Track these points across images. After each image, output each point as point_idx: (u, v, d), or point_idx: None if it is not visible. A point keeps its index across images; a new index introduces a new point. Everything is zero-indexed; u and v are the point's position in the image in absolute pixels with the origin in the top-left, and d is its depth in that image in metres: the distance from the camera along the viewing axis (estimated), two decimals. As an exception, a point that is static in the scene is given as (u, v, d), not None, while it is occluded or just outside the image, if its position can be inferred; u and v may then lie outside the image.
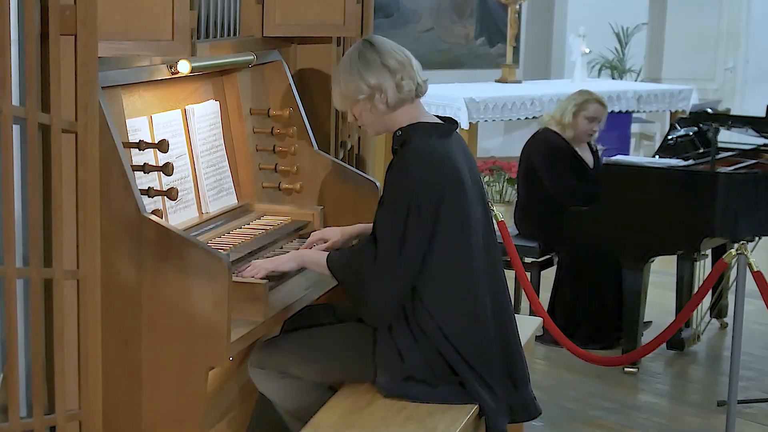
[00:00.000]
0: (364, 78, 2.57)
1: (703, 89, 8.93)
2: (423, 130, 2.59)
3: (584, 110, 4.69)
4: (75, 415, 2.06)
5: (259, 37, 3.17)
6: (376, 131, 2.71)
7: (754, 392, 4.22)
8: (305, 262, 2.68)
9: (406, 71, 2.59)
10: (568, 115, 4.69)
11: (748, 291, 3.65)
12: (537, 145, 4.75)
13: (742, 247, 3.59)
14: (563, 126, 4.70)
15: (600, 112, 4.73)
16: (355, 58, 2.59)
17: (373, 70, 2.57)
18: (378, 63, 2.57)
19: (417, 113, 2.63)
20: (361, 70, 2.57)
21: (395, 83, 2.57)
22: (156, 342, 2.34)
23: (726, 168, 4.54)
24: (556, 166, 4.65)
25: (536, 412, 2.72)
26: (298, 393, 2.68)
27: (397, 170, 2.55)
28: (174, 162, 2.63)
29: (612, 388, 4.25)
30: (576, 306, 4.71)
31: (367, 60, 2.58)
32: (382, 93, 2.57)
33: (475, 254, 2.59)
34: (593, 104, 4.71)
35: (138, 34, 2.31)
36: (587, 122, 4.69)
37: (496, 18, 8.94)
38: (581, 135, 4.72)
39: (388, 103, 2.58)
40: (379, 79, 2.57)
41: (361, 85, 2.58)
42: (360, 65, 2.58)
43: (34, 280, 1.92)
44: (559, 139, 4.70)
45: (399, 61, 2.59)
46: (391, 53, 2.59)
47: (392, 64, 2.57)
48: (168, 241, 2.30)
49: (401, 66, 2.58)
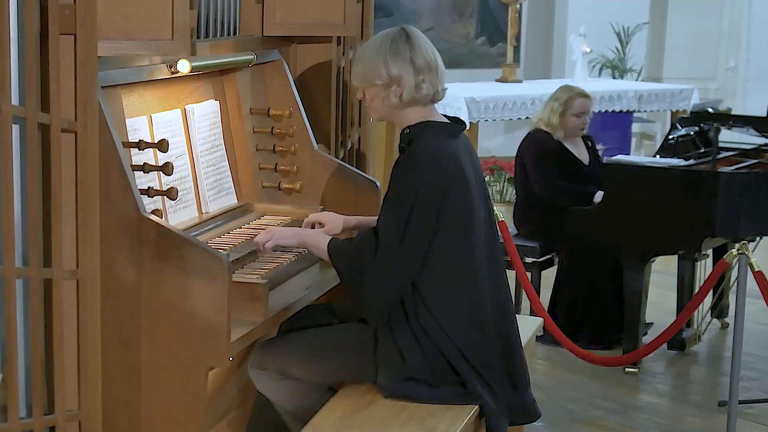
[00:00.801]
0: (388, 66, 2.54)
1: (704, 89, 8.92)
2: (431, 130, 2.58)
3: (570, 108, 4.68)
4: (74, 415, 2.05)
5: (259, 36, 3.17)
6: (379, 118, 2.68)
7: (756, 392, 4.21)
8: (306, 242, 2.67)
9: (430, 74, 2.56)
10: (554, 116, 4.68)
11: (749, 291, 3.64)
12: (528, 147, 4.75)
13: (743, 247, 3.58)
14: (552, 127, 4.69)
15: (586, 105, 4.72)
16: (387, 43, 2.56)
17: (400, 61, 2.54)
18: (407, 56, 2.54)
19: (427, 113, 2.61)
20: (388, 57, 2.54)
21: (415, 82, 2.55)
22: (156, 342, 2.33)
23: (727, 168, 4.53)
24: (543, 168, 4.64)
25: (536, 415, 2.71)
26: (298, 394, 2.68)
27: (403, 168, 2.54)
28: (174, 162, 2.63)
29: (613, 389, 4.24)
30: (576, 306, 4.70)
31: (397, 49, 2.55)
32: (400, 87, 2.55)
33: (477, 254, 2.58)
34: (577, 100, 4.69)
35: (138, 33, 2.30)
36: (576, 118, 4.69)
37: (497, 17, 8.93)
38: (573, 131, 4.72)
39: (402, 99, 2.56)
40: (401, 71, 2.54)
41: (382, 71, 2.55)
42: (389, 51, 2.55)
43: (34, 280, 1.92)
44: (549, 140, 4.69)
45: (427, 61, 2.56)
46: (423, 51, 2.56)
47: (420, 63, 2.55)
48: (168, 241, 2.30)
49: (428, 67, 2.56)
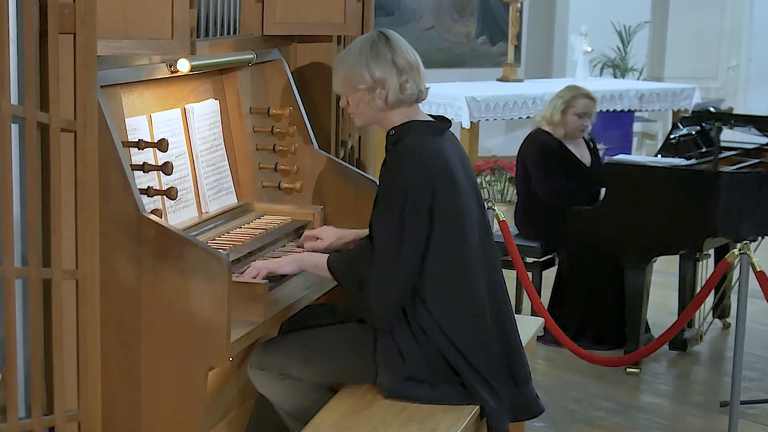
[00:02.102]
0: (371, 69, 2.54)
1: (706, 88, 8.92)
2: (415, 129, 2.58)
3: (572, 107, 4.65)
4: (74, 415, 2.05)
5: (259, 35, 3.16)
6: (363, 123, 2.68)
7: (757, 393, 4.20)
8: (305, 266, 2.66)
9: (413, 73, 2.56)
10: (556, 113, 4.64)
11: (751, 291, 3.63)
12: (529, 147, 4.72)
13: (745, 246, 3.58)
14: (554, 125, 4.65)
15: (589, 106, 4.68)
16: (367, 47, 2.56)
17: (382, 64, 2.54)
18: (388, 58, 2.54)
19: (412, 113, 2.61)
20: (370, 61, 2.54)
21: (399, 84, 2.55)
22: (155, 342, 2.33)
23: (729, 167, 4.52)
24: (544, 168, 4.61)
25: (539, 410, 2.70)
26: (298, 394, 2.67)
27: (390, 169, 2.53)
28: (173, 161, 2.63)
29: (614, 389, 4.23)
30: (577, 307, 4.69)
31: (378, 52, 2.55)
32: (384, 89, 2.55)
33: (472, 252, 2.57)
34: (581, 99, 4.66)
35: (137, 32, 2.30)
36: (577, 118, 4.65)
37: (498, 16, 8.92)
38: (573, 131, 4.68)
39: (387, 101, 2.56)
40: (384, 74, 2.54)
41: (365, 75, 2.55)
42: (370, 55, 2.55)
43: (33, 280, 1.91)
44: (551, 139, 4.67)
45: (408, 61, 2.56)
46: (403, 52, 2.57)
47: (401, 63, 2.55)
48: (167, 240, 2.29)
49: (409, 67, 2.56)
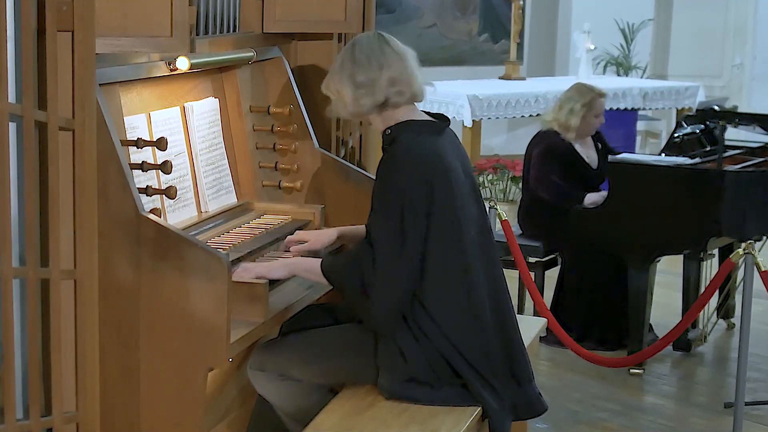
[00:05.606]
0: (363, 69, 2.52)
1: (710, 86, 8.89)
2: (412, 128, 2.55)
3: (592, 109, 4.62)
4: (72, 416, 2.03)
5: (259, 33, 3.15)
6: (350, 116, 2.65)
7: (762, 394, 4.18)
8: (297, 270, 2.61)
9: (404, 81, 2.53)
10: (574, 118, 4.58)
11: (756, 291, 3.62)
12: (537, 145, 4.70)
13: (749, 246, 3.56)
14: (567, 128, 4.61)
15: (603, 104, 4.71)
16: (360, 47, 2.55)
17: (373, 67, 2.52)
18: (380, 62, 2.52)
19: (406, 113, 2.58)
20: (363, 61, 2.52)
21: (385, 96, 2.51)
22: (154, 343, 2.32)
23: (733, 166, 4.50)
24: (544, 163, 4.59)
25: (542, 409, 2.68)
26: (298, 395, 2.66)
27: (386, 169, 2.51)
28: (173, 160, 2.61)
29: (617, 390, 4.22)
30: (580, 307, 4.67)
31: (372, 54, 2.53)
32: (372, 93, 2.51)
33: (471, 252, 2.54)
34: (599, 100, 4.66)
35: (136, 30, 2.29)
36: (595, 119, 4.67)
37: (500, 14, 8.90)
38: (589, 131, 4.69)
39: (374, 104, 2.53)
40: (371, 77, 2.51)
41: (357, 76, 2.52)
42: (364, 55, 2.53)
43: (31, 280, 1.90)
44: (560, 141, 4.64)
45: (404, 68, 2.53)
46: (400, 58, 2.54)
47: (394, 71, 2.52)
48: (167, 240, 2.28)
49: (403, 74, 2.52)
